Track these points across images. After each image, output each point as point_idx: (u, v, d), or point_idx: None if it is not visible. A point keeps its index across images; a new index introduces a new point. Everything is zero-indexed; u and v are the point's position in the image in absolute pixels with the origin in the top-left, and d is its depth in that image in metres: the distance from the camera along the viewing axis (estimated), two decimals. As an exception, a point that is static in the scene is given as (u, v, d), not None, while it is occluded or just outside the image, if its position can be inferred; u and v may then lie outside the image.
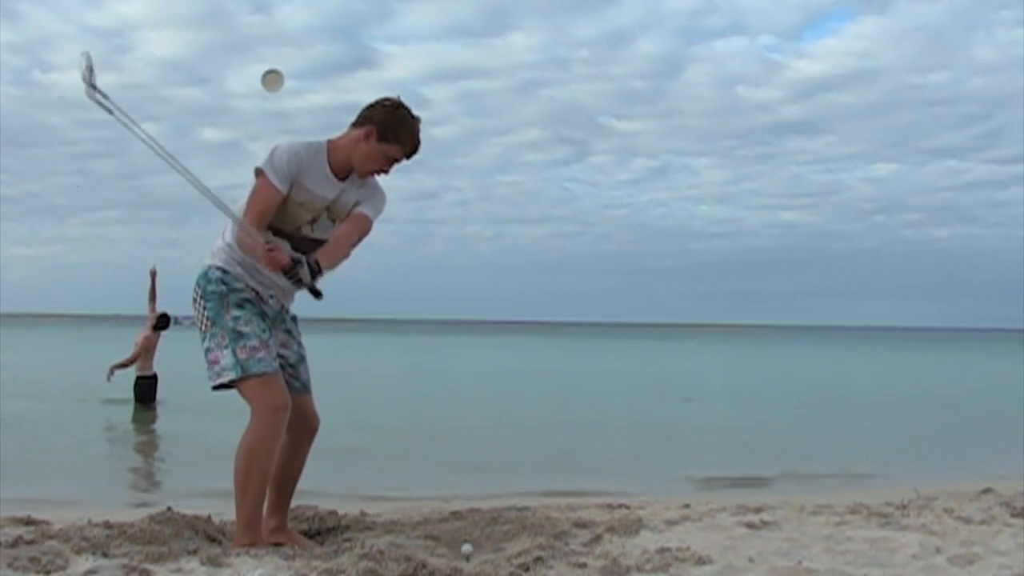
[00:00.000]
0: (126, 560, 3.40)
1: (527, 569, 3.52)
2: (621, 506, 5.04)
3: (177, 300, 12.40)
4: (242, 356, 3.68)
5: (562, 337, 76.41)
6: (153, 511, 4.15)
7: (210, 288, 3.78)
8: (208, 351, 3.74)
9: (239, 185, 3.97)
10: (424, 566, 3.36)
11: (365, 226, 3.88)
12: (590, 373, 26.82)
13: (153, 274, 12.28)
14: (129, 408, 12.58)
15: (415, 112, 3.89)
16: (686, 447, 10.64)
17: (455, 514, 4.58)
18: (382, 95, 3.90)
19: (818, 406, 16.51)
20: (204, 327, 3.78)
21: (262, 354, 3.71)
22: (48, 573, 3.26)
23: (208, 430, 10.27)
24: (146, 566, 3.35)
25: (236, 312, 3.74)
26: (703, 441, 11.20)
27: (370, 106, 3.87)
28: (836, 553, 3.85)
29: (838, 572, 3.56)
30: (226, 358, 3.70)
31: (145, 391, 12.66)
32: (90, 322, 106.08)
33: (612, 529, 4.20)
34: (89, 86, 3.45)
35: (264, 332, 3.77)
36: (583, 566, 3.56)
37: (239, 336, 3.71)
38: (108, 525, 3.90)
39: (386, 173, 3.93)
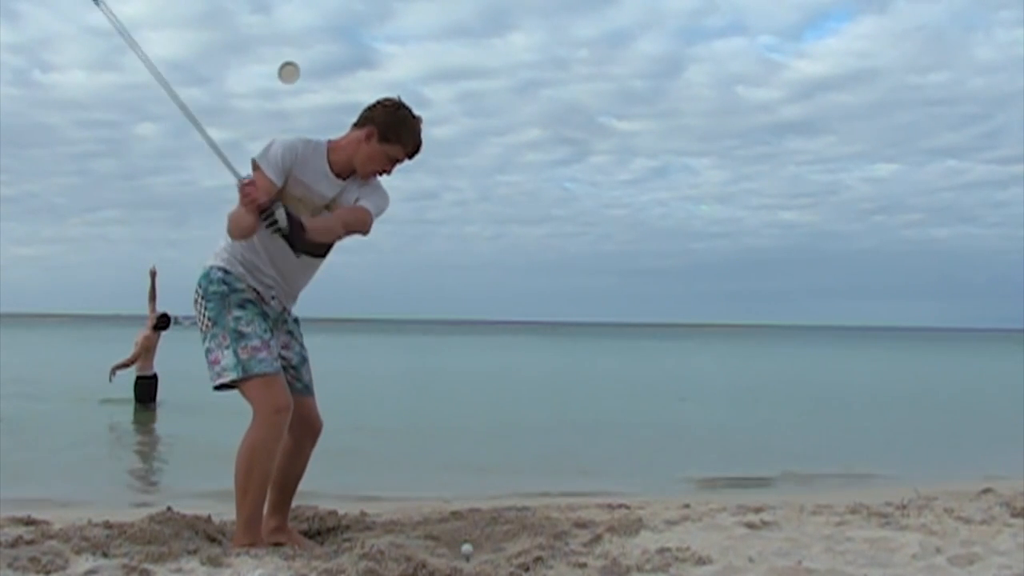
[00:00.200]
0: (126, 560, 3.40)
1: (527, 569, 3.52)
2: (621, 506, 5.04)
3: (177, 300, 12.42)
4: (244, 356, 3.67)
5: (562, 337, 76.41)
6: (153, 511, 4.15)
7: (212, 288, 3.77)
8: (209, 351, 3.73)
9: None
10: (424, 566, 3.36)
11: (361, 216, 3.81)
12: (590, 373, 26.82)
13: (153, 274, 12.30)
14: (129, 408, 12.58)
15: (416, 112, 3.89)
16: (686, 447, 10.64)
17: (455, 514, 4.58)
18: (382, 95, 3.89)
19: (818, 406, 16.52)
20: (205, 327, 3.77)
21: (264, 354, 3.70)
22: (48, 573, 3.26)
23: (208, 430, 10.28)
24: (146, 566, 3.35)
25: (238, 312, 3.73)
26: (703, 441, 11.20)
27: (371, 107, 3.86)
28: (836, 553, 3.85)
29: (838, 572, 3.56)
30: (227, 358, 3.69)
31: (145, 391, 12.66)
32: (90, 322, 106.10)
33: (612, 529, 4.20)
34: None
35: (266, 333, 3.76)
36: (583, 566, 3.56)
37: (241, 336, 3.70)
38: (108, 525, 3.90)
39: (388, 174, 3.92)
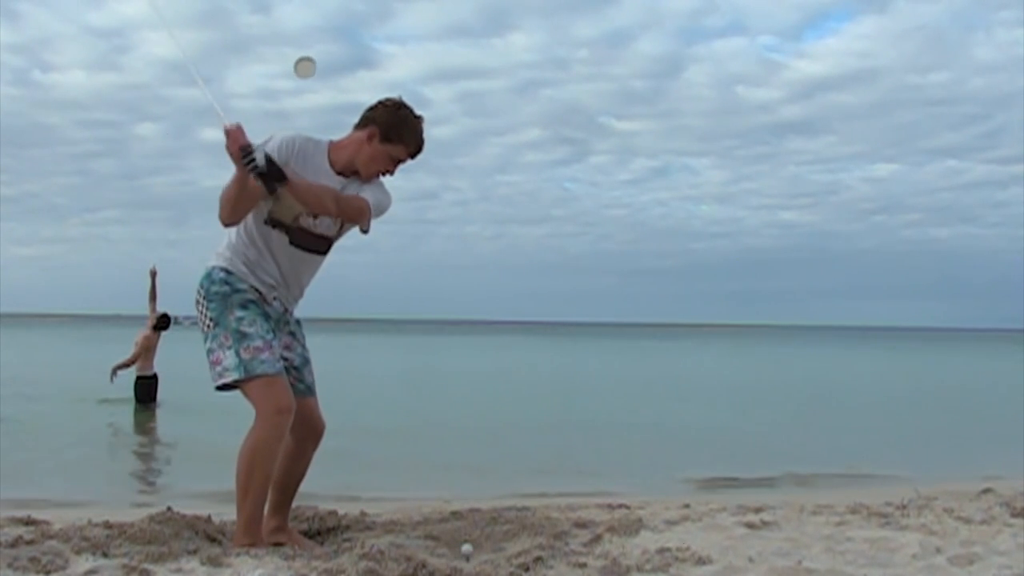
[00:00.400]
0: (126, 560, 3.40)
1: (527, 569, 3.52)
2: (621, 506, 5.04)
3: (177, 300, 12.42)
4: (246, 357, 3.66)
5: (562, 337, 76.38)
6: (153, 511, 4.14)
7: (214, 289, 3.76)
8: (210, 352, 3.72)
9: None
10: (424, 566, 3.36)
11: (358, 203, 3.76)
12: (590, 373, 26.81)
13: (153, 274, 12.29)
14: (129, 408, 12.57)
15: (417, 112, 3.88)
16: (686, 447, 10.64)
17: (455, 514, 4.58)
18: (382, 95, 3.89)
19: (818, 406, 16.52)
20: (207, 328, 3.75)
21: (266, 355, 3.69)
22: (48, 573, 3.26)
23: (208, 431, 10.29)
24: (146, 566, 3.34)
25: (240, 313, 3.72)
26: (703, 441, 11.20)
27: (372, 107, 3.86)
28: (836, 553, 3.85)
29: (838, 572, 3.56)
30: (229, 359, 3.67)
31: (145, 391, 12.65)
32: (90, 322, 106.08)
33: (612, 529, 4.20)
34: None
35: (268, 333, 3.74)
36: (583, 566, 3.56)
37: (243, 337, 3.68)
38: (108, 525, 3.89)
39: (391, 174, 3.91)
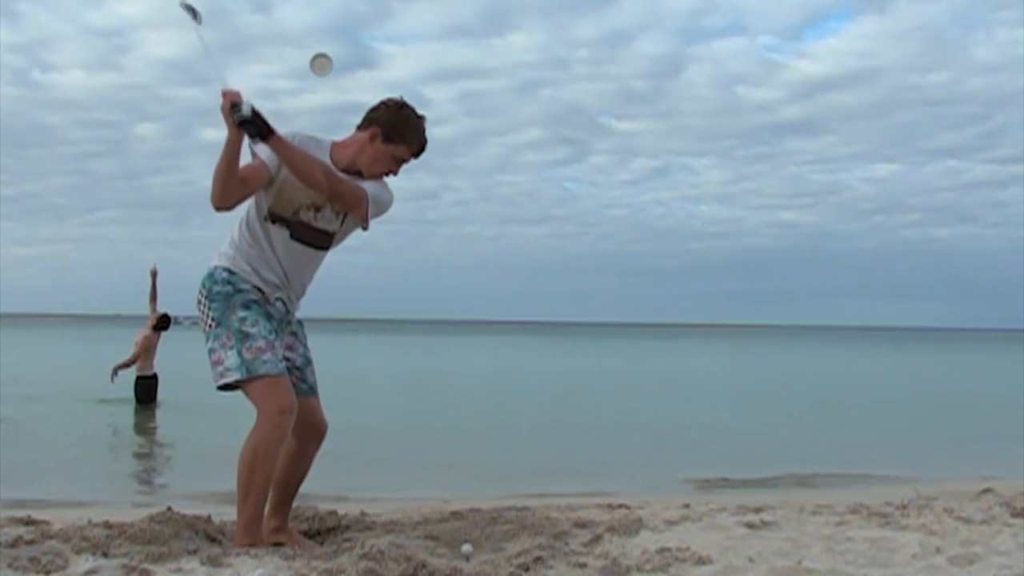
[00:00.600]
0: (126, 560, 3.39)
1: (527, 569, 3.52)
2: (621, 506, 5.03)
3: (177, 300, 12.41)
4: (248, 357, 3.65)
5: (562, 337, 76.39)
6: (153, 511, 4.14)
7: (216, 289, 3.75)
8: (212, 351, 3.71)
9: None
10: (424, 566, 3.35)
11: (356, 189, 3.75)
12: (590, 373, 26.81)
13: (154, 274, 12.28)
14: (129, 408, 12.57)
15: (419, 111, 3.89)
16: (686, 447, 10.64)
17: (455, 514, 4.58)
18: (382, 95, 3.89)
19: (818, 406, 16.52)
20: (208, 327, 3.74)
21: (268, 355, 3.68)
22: (48, 573, 3.25)
23: (208, 431, 10.29)
24: (146, 566, 3.34)
25: (242, 313, 3.71)
26: (703, 441, 11.20)
27: (374, 108, 3.86)
28: (836, 553, 3.84)
29: (838, 572, 3.56)
30: (230, 359, 3.66)
31: (145, 391, 12.65)
32: (90, 322, 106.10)
33: (612, 529, 4.19)
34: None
35: (270, 333, 3.74)
36: (583, 566, 3.56)
37: (245, 337, 3.67)
38: (108, 525, 3.89)
39: (395, 174, 3.91)
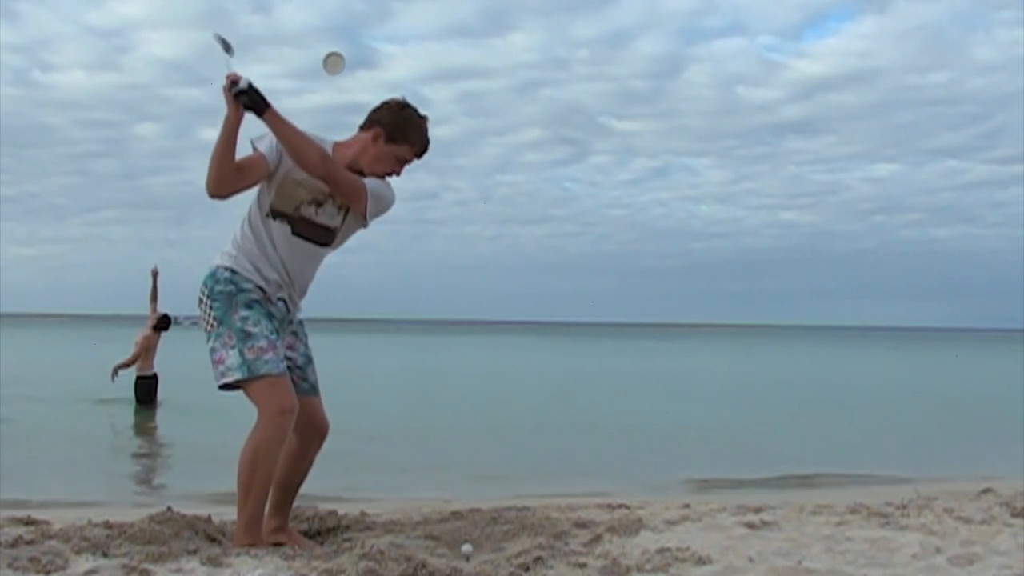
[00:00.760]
0: (126, 560, 3.39)
1: (527, 569, 3.52)
2: (621, 506, 5.03)
3: (176, 300, 12.42)
4: (249, 357, 3.65)
5: (562, 337, 76.38)
6: (153, 511, 4.13)
7: (218, 288, 3.75)
8: (213, 351, 3.71)
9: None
10: (424, 566, 3.36)
11: (353, 179, 3.76)
12: (590, 373, 26.81)
13: (155, 274, 12.29)
14: (129, 408, 12.57)
15: (422, 112, 3.89)
16: (686, 447, 10.64)
17: (455, 514, 4.58)
18: (382, 95, 3.91)
19: (818, 406, 16.52)
20: (210, 327, 3.74)
21: (270, 355, 3.67)
22: (48, 573, 3.25)
23: (208, 431, 10.29)
24: (146, 566, 3.34)
25: (244, 312, 3.70)
26: (703, 441, 11.20)
27: (376, 108, 3.87)
28: (836, 553, 3.84)
29: (838, 572, 3.56)
30: (232, 358, 3.66)
31: (145, 391, 12.65)
32: (90, 322, 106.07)
33: (612, 529, 4.19)
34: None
35: (272, 333, 3.73)
36: (583, 566, 3.56)
37: (247, 336, 3.67)
38: (108, 525, 3.89)
39: (398, 175, 3.92)
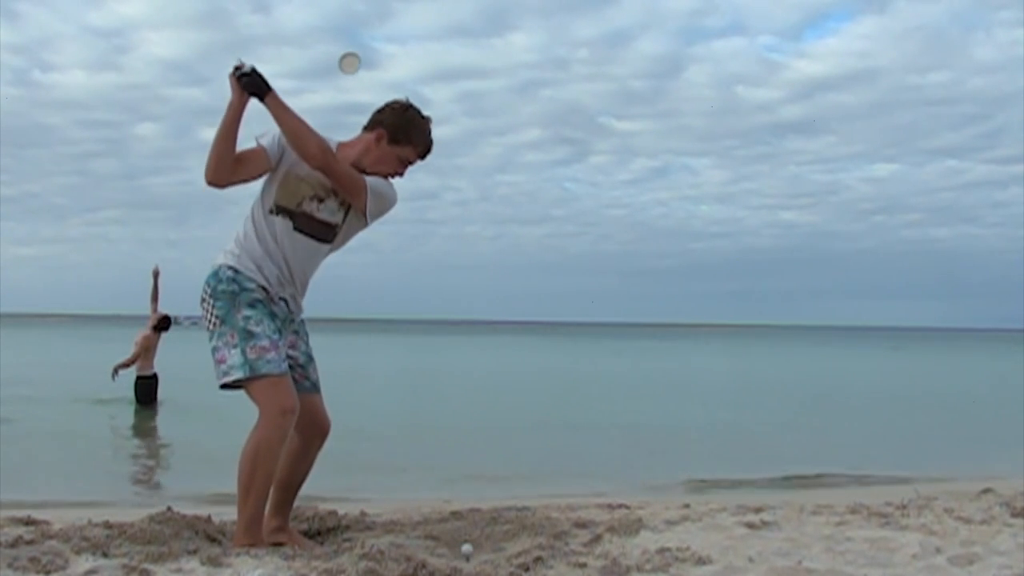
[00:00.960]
0: (126, 560, 3.40)
1: (527, 569, 3.52)
2: (621, 506, 5.03)
3: (176, 300, 12.40)
4: (252, 356, 3.65)
5: (562, 337, 76.40)
6: (153, 511, 4.13)
7: (221, 287, 3.75)
8: (215, 350, 3.71)
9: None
10: (424, 566, 3.36)
11: (353, 173, 3.77)
12: (590, 373, 26.81)
13: (156, 274, 12.27)
14: (129, 408, 12.57)
15: (425, 113, 3.90)
16: (686, 447, 10.65)
17: (455, 514, 4.57)
18: (382, 95, 3.91)
19: (818, 406, 16.53)
20: (213, 326, 3.74)
21: (272, 355, 3.67)
22: (48, 573, 3.25)
23: (208, 431, 10.29)
24: (146, 566, 3.34)
25: (247, 312, 3.70)
26: (703, 441, 11.21)
27: (379, 110, 3.88)
28: (836, 553, 3.84)
29: (838, 572, 3.56)
30: (234, 357, 3.66)
31: (145, 391, 12.65)
32: (90, 322, 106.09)
33: (612, 529, 4.19)
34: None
35: (275, 333, 3.74)
36: (583, 566, 3.56)
37: (250, 336, 3.67)
38: (108, 525, 3.89)
39: (401, 176, 3.93)
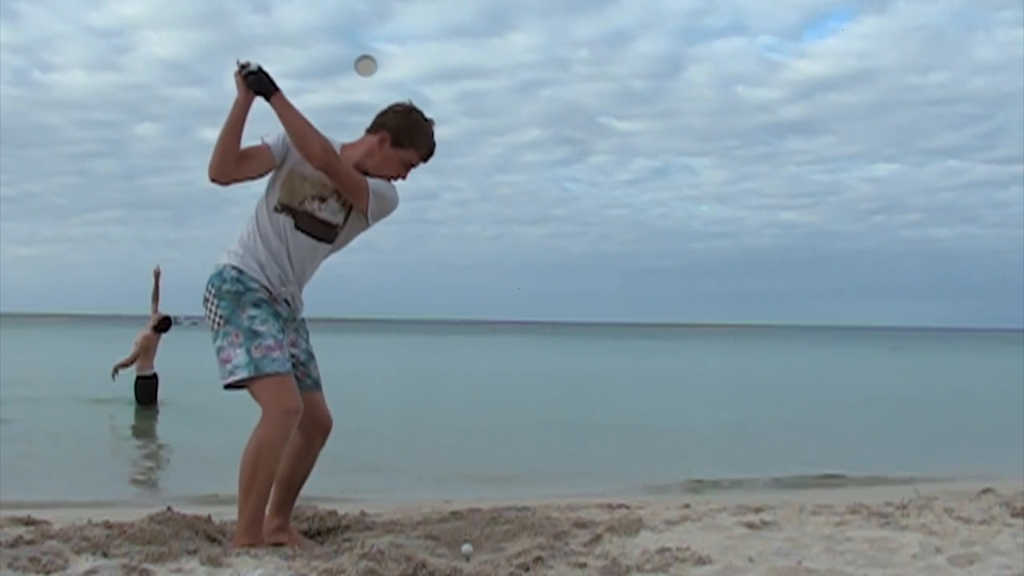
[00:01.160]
0: (126, 560, 3.40)
1: (527, 569, 3.52)
2: (621, 506, 5.03)
3: (176, 299, 12.41)
4: (256, 355, 3.65)
5: (562, 337, 76.41)
6: (153, 511, 4.13)
7: (225, 287, 3.75)
8: (220, 350, 3.71)
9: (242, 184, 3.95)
10: (424, 566, 3.36)
11: (357, 178, 3.78)
12: (590, 373, 26.81)
13: (157, 274, 12.28)
14: (129, 408, 12.57)
15: (428, 115, 3.91)
16: (686, 447, 10.65)
17: (455, 514, 4.58)
18: (382, 95, 3.94)
19: (818, 406, 16.53)
20: (217, 325, 3.74)
21: (277, 354, 3.68)
22: (48, 573, 3.25)
23: (209, 431, 10.31)
24: (146, 566, 3.34)
25: (252, 311, 3.71)
26: (703, 441, 11.22)
27: (382, 112, 3.89)
28: (836, 553, 3.84)
29: (838, 572, 3.56)
30: (239, 357, 3.66)
31: (145, 391, 12.64)
32: (90, 322, 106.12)
33: (612, 529, 4.19)
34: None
35: (279, 333, 3.74)
36: (583, 566, 3.56)
37: (255, 335, 3.68)
38: (108, 525, 3.89)
39: (403, 178, 3.94)
